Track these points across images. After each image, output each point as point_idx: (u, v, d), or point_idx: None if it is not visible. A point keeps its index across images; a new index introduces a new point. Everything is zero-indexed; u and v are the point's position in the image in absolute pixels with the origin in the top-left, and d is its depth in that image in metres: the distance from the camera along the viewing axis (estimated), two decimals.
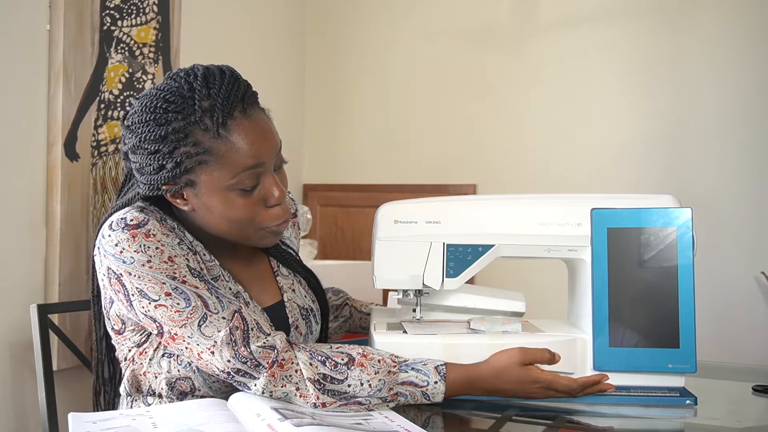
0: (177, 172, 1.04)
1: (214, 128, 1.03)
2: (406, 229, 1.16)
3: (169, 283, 1.03)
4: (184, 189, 1.07)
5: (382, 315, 1.31)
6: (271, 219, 1.10)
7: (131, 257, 1.03)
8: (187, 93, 1.04)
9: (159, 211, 1.11)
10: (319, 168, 2.96)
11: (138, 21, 1.96)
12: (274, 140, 1.10)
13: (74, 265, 1.76)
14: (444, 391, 1.05)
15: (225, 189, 1.06)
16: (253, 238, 1.12)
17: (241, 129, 1.05)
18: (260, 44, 2.67)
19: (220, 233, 1.11)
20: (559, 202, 1.15)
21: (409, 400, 1.05)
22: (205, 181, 1.05)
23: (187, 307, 1.03)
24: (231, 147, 1.04)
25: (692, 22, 2.37)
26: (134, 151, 1.07)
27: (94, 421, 0.93)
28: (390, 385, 1.03)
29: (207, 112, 1.03)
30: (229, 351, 1.01)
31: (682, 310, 1.07)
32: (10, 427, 1.66)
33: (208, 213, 1.08)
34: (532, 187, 2.52)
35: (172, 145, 1.03)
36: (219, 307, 1.03)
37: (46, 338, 1.52)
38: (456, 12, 2.74)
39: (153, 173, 1.06)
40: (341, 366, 1.03)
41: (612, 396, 1.09)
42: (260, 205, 1.09)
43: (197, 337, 1.02)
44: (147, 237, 1.04)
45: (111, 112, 1.88)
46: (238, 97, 1.05)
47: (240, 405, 0.97)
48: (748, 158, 2.29)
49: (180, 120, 1.03)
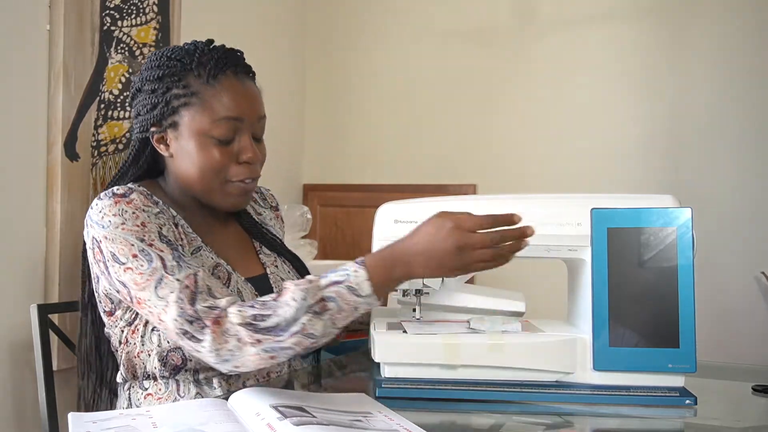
0: (165, 111, 1.17)
1: (206, 76, 1.16)
2: (406, 229, 1.16)
3: (137, 244, 1.09)
4: (168, 131, 1.19)
5: (382, 315, 1.31)
6: (238, 173, 1.19)
7: (109, 221, 1.11)
8: (190, 49, 1.19)
9: (146, 190, 1.18)
10: (319, 168, 2.96)
11: (138, 21, 1.96)
12: (256, 105, 1.22)
13: (74, 265, 1.75)
14: (368, 277, 1.01)
15: (203, 135, 1.16)
16: (218, 192, 1.20)
17: (229, 84, 1.18)
18: (260, 44, 2.66)
19: (191, 183, 1.20)
20: (559, 202, 1.15)
21: (338, 303, 1.01)
22: (187, 123, 1.17)
23: (148, 269, 1.07)
24: (216, 95, 1.16)
25: (692, 22, 2.37)
26: (135, 95, 1.22)
27: (94, 421, 0.93)
28: (313, 291, 1.01)
29: (203, 64, 1.17)
30: (177, 309, 1.04)
31: (682, 310, 1.07)
32: (10, 427, 1.66)
33: (184, 158, 1.18)
34: (532, 187, 2.52)
35: (165, 86, 1.17)
36: (176, 269, 1.07)
37: (46, 338, 1.52)
38: (456, 12, 2.74)
39: (146, 113, 1.18)
40: (269, 302, 1.03)
41: (612, 396, 1.08)
42: (232, 159, 1.19)
43: (154, 299, 1.06)
44: (128, 204, 1.12)
45: (111, 112, 1.88)
46: (233, 62, 1.19)
47: (240, 404, 0.97)
48: (748, 158, 2.29)
49: (177, 66, 1.17)
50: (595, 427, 1.04)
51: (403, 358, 1.11)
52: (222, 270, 1.20)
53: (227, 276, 1.21)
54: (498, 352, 1.10)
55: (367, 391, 1.11)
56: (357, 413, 0.99)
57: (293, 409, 0.95)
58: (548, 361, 1.10)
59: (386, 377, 1.11)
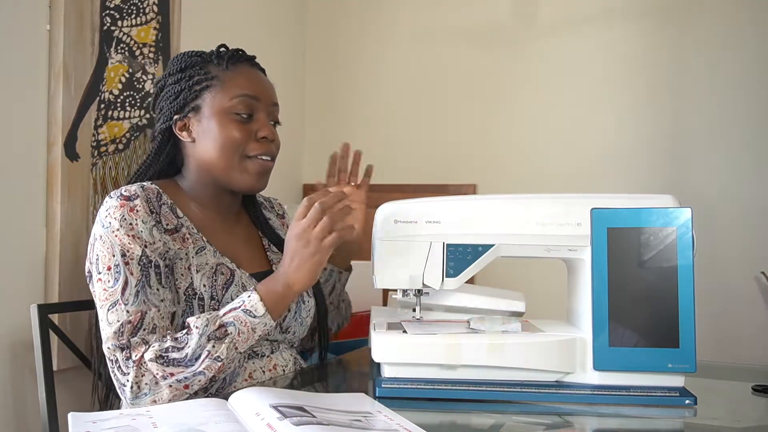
0: (188, 97, 1.27)
1: (224, 64, 1.29)
2: (406, 229, 1.16)
3: (117, 257, 1.14)
4: (191, 115, 1.27)
5: (382, 315, 1.31)
6: (256, 148, 1.27)
7: (109, 222, 1.16)
8: (207, 51, 1.33)
9: (158, 188, 1.25)
10: (319, 168, 2.95)
11: (138, 21, 1.96)
12: (271, 91, 1.33)
13: (74, 265, 1.76)
14: (260, 299, 1.13)
15: (223, 111, 1.26)
16: (237, 169, 1.26)
17: (245, 71, 1.30)
18: (260, 44, 2.66)
19: (212, 163, 1.26)
20: (558, 202, 1.15)
21: (237, 326, 1.11)
22: (208, 103, 1.26)
23: (111, 287, 1.12)
24: (233, 77, 1.28)
25: (692, 22, 2.37)
26: (158, 94, 1.32)
27: (94, 421, 0.93)
28: (213, 319, 1.11)
29: (221, 56, 1.30)
30: (114, 338, 1.10)
31: (682, 310, 1.07)
32: (10, 427, 1.66)
33: (206, 138, 1.26)
34: (532, 187, 2.52)
35: (188, 75, 1.28)
36: (131, 299, 1.12)
37: (46, 338, 1.52)
38: (456, 12, 2.74)
39: (170, 103, 1.28)
40: (180, 336, 1.11)
41: (612, 396, 1.08)
42: (251, 137, 1.27)
43: (104, 319, 1.14)
44: (130, 211, 1.17)
45: (111, 112, 1.88)
46: (247, 58, 1.33)
47: (240, 404, 0.97)
48: (748, 158, 2.29)
49: (198, 59, 1.30)
50: (595, 427, 1.04)
51: (403, 358, 1.11)
52: (224, 268, 1.24)
53: (230, 273, 1.24)
54: (498, 352, 1.10)
55: (367, 391, 1.11)
56: (357, 413, 0.99)
57: (293, 409, 0.95)
58: (548, 361, 1.10)
59: (386, 377, 1.11)
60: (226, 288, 1.22)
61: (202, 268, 1.21)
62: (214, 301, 1.20)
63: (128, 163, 1.92)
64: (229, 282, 1.23)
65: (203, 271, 1.21)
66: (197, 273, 1.20)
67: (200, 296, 1.19)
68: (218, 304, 1.20)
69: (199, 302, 1.19)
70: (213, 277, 1.21)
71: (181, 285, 1.19)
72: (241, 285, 1.24)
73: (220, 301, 1.20)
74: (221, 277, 1.22)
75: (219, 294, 1.21)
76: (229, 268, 1.25)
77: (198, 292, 1.19)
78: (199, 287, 1.19)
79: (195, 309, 1.18)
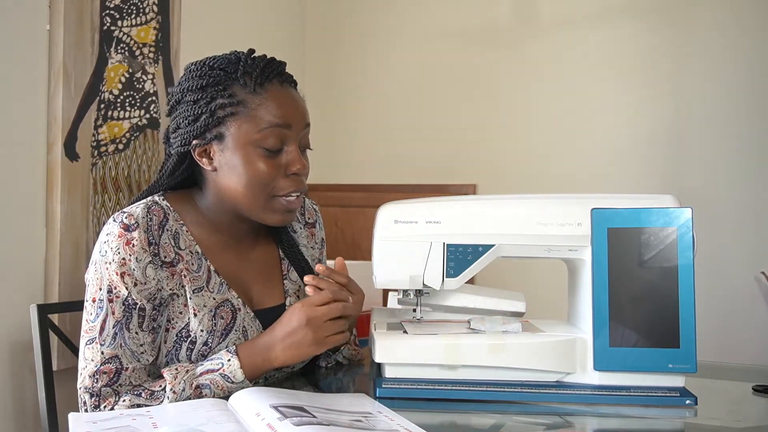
0: (209, 122, 1.11)
1: (252, 85, 1.12)
2: (406, 229, 1.16)
3: (103, 291, 1.08)
4: (212, 143, 1.13)
5: (382, 315, 1.31)
6: (285, 186, 1.14)
7: (105, 251, 1.09)
8: (233, 58, 1.14)
9: (168, 206, 1.15)
10: (319, 168, 2.94)
11: (138, 21, 1.96)
12: (303, 113, 1.18)
13: (74, 265, 1.76)
14: (240, 365, 1.08)
15: (251, 144, 1.11)
16: (263, 208, 1.15)
17: (276, 92, 1.14)
18: (260, 45, 2.65)
19: (235, 198, 1.14)
20: (559, 202, 1.15)
21: (212, 389, 1.08)
22: (233, 133, 1.11)
23: (92, 321, 1.09)
24: (263, 103, 1.12)
25: (692, 22, 2.37)
26: (175, 106, 1.16)
27: (94, 421, 0.93)
28: (190, 380, 1.07)
29: (248, 73, 1.12)
30: (88, 381, 1.07)
31: (682, 310, 1.07)
32: (10, 427, 1.66)
33: (229, 172, 1.13)
34: (532, 187, 2.52)
35: (209, 95, 1.11)
36: (108, 340, 1.08)
37: (46, 338, 1.52)
38: (456, 12, 2.74)
39: (188, 125, 1.12)
40: (157, 391, 1.07)
41: (612, 396, 1.08)
42: (280, 171, 1.14)
43: (82, 353, 1.09)
44: (126, 243, 1.08)
45: (111, 112, 1.88)
46: (278, 71, 1.16)
47: (240, 404, 0.97)
48: (748, 158, 2.29)
49: (222, 75, 1.12)
50: (596, 427, 1.04)
51: (404, 359, 1.11)
52: (227, 308, 1.16)
53: (232, 315, 1.16)
54: (498, 352, 1.10)
55: (367, 391, 1.11)
56: (357, 413, 0.99)
57: (293, 409, 0.95)
58: (548, 362, 1.10)
59: (386, 377, 1.11)
60: (224, 335, 1.14)
61: (201, 310, 1.13)
62: (206, 347, 1.13)
63: (128, 163, 1.92)
64: (229, 327, 1.15)
65: (202, 313, 1.13)
66: (194, 316, 1.12)
67: (192, 340, 1.12)
68: (210, 351, 1.13)
69: (190, 346, 1.13)
70: (212, 321, 1.13)
71: (176, 324, 1.12)
72: (242, 330, 1.16)
73: (212, 349, 1.14)
74: (221, 321, 1.14)
75: (215, 341, 1.13)
76: (233, 308, 1.16)
77: (192, 335, 1.12)
78: (195, 331, 1.12)
79: (182, 352, 1.12)
